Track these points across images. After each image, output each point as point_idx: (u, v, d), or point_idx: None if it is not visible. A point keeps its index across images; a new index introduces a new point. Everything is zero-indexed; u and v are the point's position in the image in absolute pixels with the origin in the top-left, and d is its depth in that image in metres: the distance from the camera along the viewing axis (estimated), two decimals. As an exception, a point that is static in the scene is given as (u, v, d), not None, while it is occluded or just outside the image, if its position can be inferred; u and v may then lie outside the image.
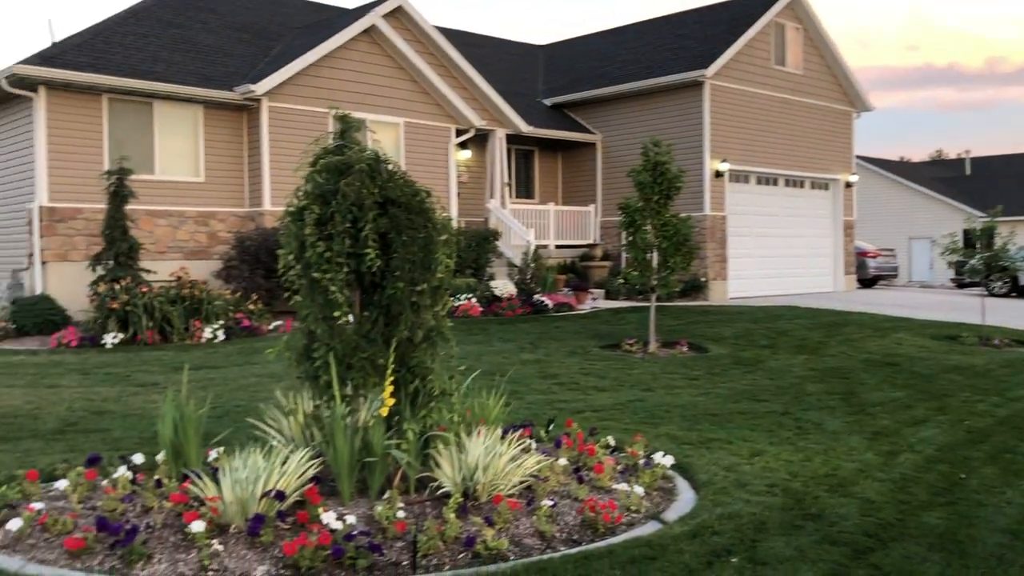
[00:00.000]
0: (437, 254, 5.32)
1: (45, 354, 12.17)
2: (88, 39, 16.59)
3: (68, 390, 9.36)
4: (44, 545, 4.56)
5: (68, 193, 15.44)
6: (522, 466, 5.37)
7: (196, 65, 17.39)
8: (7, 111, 16.40)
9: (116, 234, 14.23)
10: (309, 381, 5.49)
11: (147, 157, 16.30)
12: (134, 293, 13.31)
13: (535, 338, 13.43)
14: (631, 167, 13.17)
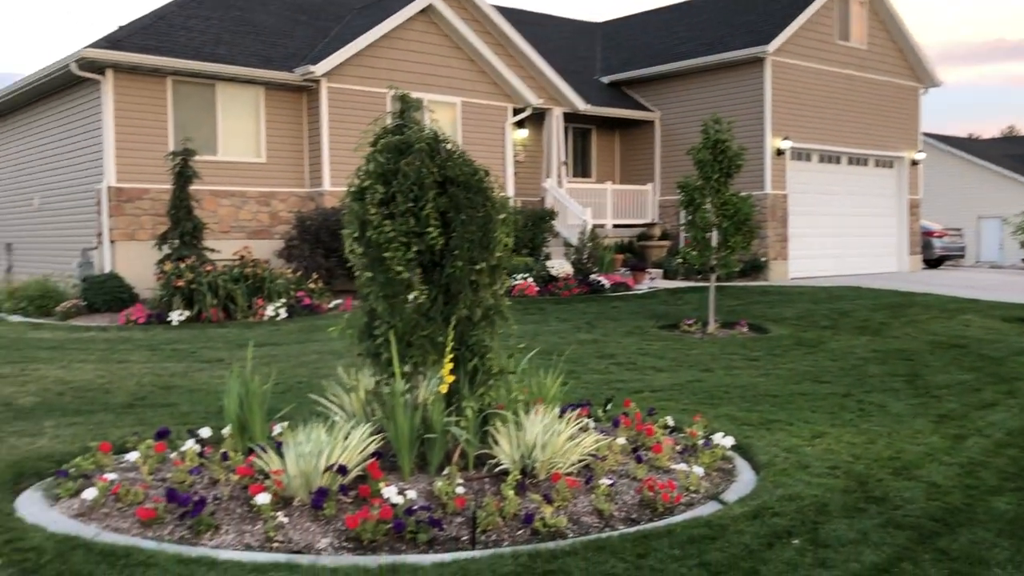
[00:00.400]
0: (496, 233, 5.33)
1: (114, 330, 12.52)
2: (153, 22, 16.90)
3: (137, 365, 9.63)
4: (117, 514, 4.72)
5: (135, 174, 15.81)
6: (580, 445, 5.38)
7: (257, 47, 17.61)
8: (76, 94, 16.82)
9: (181, 214, 14.55)
10: (370, 358, 5.56)
11: (210, 138, 16.59)
12: (199, 272, 13.60)
13: (592, 318, 13.40)
14: (691, 145, 13.01)
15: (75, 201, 17.09)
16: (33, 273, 17.49)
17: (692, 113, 22.08)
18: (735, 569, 4.08)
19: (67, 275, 16.25)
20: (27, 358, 10.06)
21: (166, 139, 16.05)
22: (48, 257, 18.35)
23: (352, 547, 4.34)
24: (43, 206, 18.73)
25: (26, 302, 14.64)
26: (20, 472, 5.45)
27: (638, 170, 23.97)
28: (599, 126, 24.02)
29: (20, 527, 4.46)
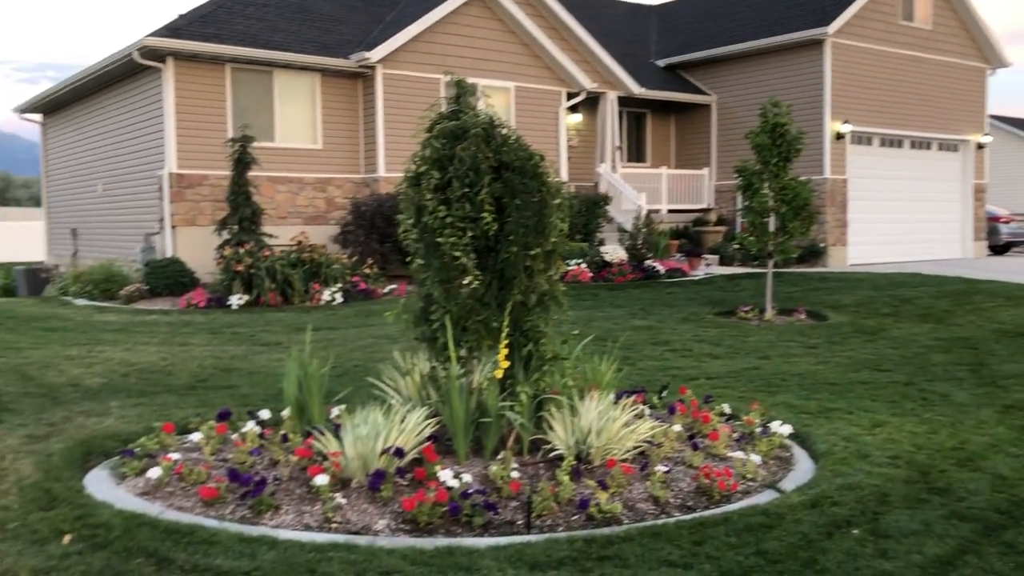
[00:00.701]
0: (551, 218, 5.31)
1: (176, 314, 12.80)
2: (212, 10, 17.16)
3: (198, 348, 9.83)
4: (180, 493, 4.84)
5: (195, 160, 16.11)
6: (636, 431, 5.36)
7: (313, 33, 17.78)
8: (138, 82, 17.17)
9: (240, 200, 14.80)
10: (426, 343, 5.60)
11: (268, 125, 16.82)
12: (257, 257, 13.83)
13: (646, 304, 13.31)
14: (748, 129, 12.81)
15: (138, 187, 17.48)
16: (98, 258, 17.96)
17: (749, 96, 21.75)
18: (793, 558, 4.04)
19: (130, 260, 16.65)
20: (93, 340, 10.34)
21: (225, 126, 16.31)
22: (112, 242, 18.82)
23: (408, 529, 4.38)
24: (107, 192, 19.20)
25: (91, 286, 15.05)
26: (88, 451, 5.62)
27: (694, 154, 23.69)
28: (654, 110, 23.78)
29: (89, 504, 4.60)
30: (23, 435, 5.98)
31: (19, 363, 8.84)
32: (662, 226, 20.48)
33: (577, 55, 20.25)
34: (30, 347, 9.85)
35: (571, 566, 3.92)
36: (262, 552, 4.00)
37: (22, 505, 4.57)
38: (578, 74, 19.60)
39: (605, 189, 20.52)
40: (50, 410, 6.76)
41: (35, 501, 4.63)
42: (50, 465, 5.26)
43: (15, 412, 6.69)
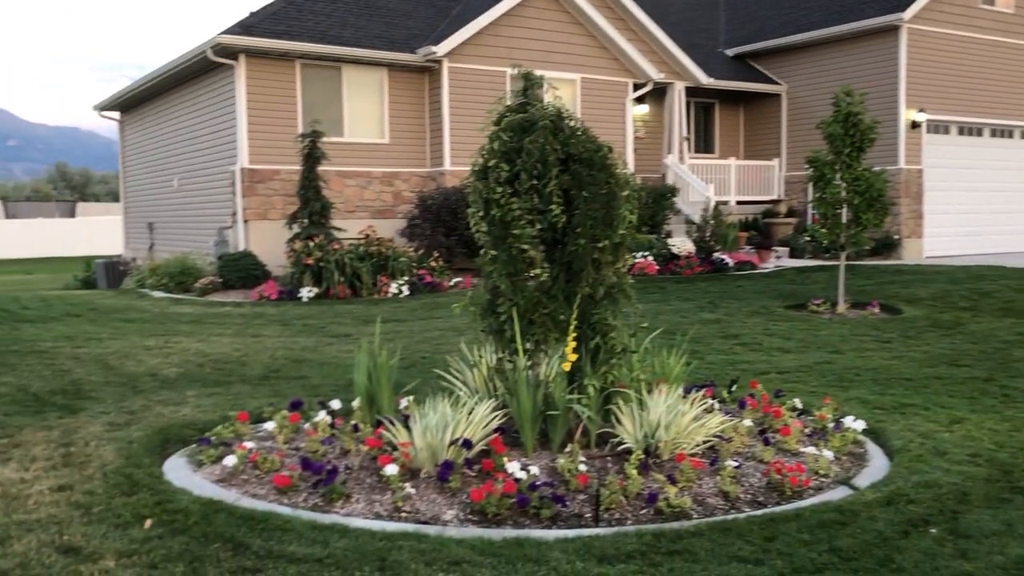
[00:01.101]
0: (619, 210, 5.28)
1: (248, 306, 13.09)
2: (282, 7, 17.46)
3: (270, 339, 10.04)
4: (255, 481, 4.95)
5: (266, 156, 16.43)
6: (705, 426, 5.30)
7: (380, 28, 17.96)
8: (211, 79, 17.57)
9: (310, 194, 15.05)
10: (493, 335, 5.62)
11: (336, 120, 17.06)
12: (327, 250, 14.06)
13: (715, 297, 13.15)
14: (819, 119, 12.54)
15: (211, 182, 17.90)
16: (173, 251, 18.46)
17: (821, 85, 21.27)
18: (868, 556, 3.95)
19: (204, 253, 17.07)
20: (170, 331, 10.64)
21: (295, 121, 16.59)
22: (187, 236, 19.32)
23: (477, 520, 4.41)
24: (182, 187, 19.71)
25: (167, 279, 15.48)
26: (166, 438, 5.79)
27: (763, 145, 23.29)
28: (722, 100, 23.43)
29: (168, 490, 4.74)
30: (105, 422, 6.18)
31: (100, 353, 9.14)
32: (730, 218, 20.18)
33: (644, 46, 20.06)
34: (110, 338, 10.18)
35: (640, 560, 3.90)
36: (334, 540, 4.07)
37: (105, 490, 4.73)
38: (645, 65, 19.42)
39: (672, 181, 20.32)
40: (130, 399, 6.98)
41: (117, 486, 4.79)
42: (131, 452, 5.43)
43: (97, 400, 6.92)
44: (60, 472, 5.07)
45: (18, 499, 4.62)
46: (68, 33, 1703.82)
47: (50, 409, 6.61)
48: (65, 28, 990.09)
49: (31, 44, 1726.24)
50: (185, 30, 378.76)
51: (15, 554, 3.89)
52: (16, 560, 3.83)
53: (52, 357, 8.90)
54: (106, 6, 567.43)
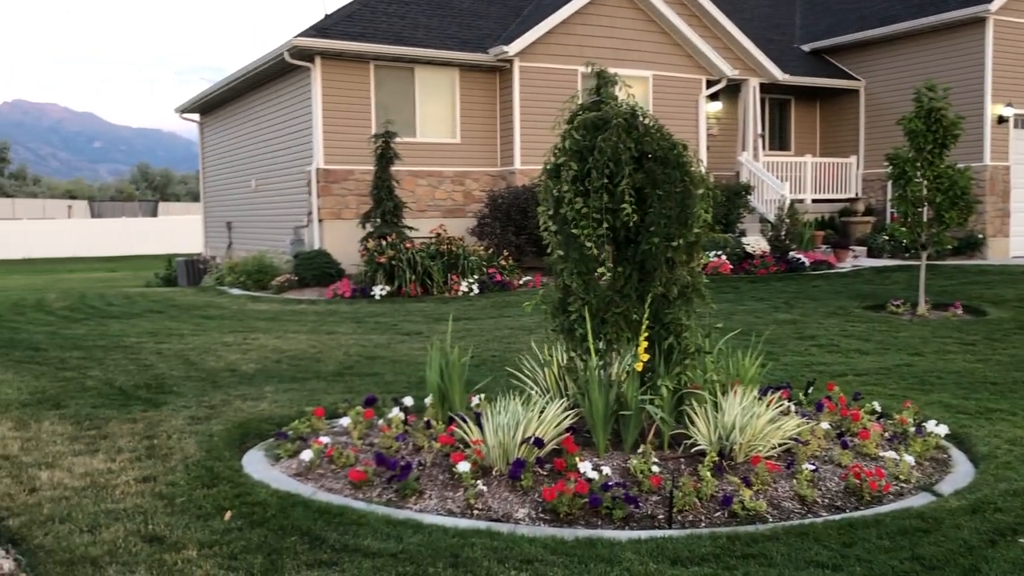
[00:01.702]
0: (694, 208, 5.22)
1: (323, 303, 13.33)
2: (357, 10, 17.71)
3: (344, 336, 10.20)
4: (330, 475, 5.03)
5: (341, 156, 16.69)
6: (781, 428, 5.21)
7: (452, 29, 18.08)
8: (287, 81, 17.93)
9: (383, 194, 15.24)
10: (564, 334, 5.61)
11: (409, 120, 17.24)
12: (399, 249, 14.23)
13: (790, 297, 12.91)
14: (899, 115, 12.19)
15: (287, 182, 18.27)
16: (250, 250, 18.91)
17: (901, 80, 20.69)
18: (952, 565, 3.83)
19: (280, 251, 17.44)
20: (248, 328, 10.90)
21: (369, 122, 16.81)
22: (264, 235, 19.76)
23: (548, 519, 4.41)
24: (259, 187, 20.16)
25: (245, 276, 15.86)
26: (245, 432, 5.93)
27: (840, 142, 22.75)
28: (798, 96, 22.97)
29: (247, 483, 4.85)
30: (187, 416, 6.37)
31: (181, 348, 9.41)
32: (806, 216, 19.77)
33: (718, 42, 19.79)
34: (191, 334, 10.48)
35: (714, 563, 3.85)
36: (408, 535, 4.11)
37: (187, 482, 4.87)
38: (719, 61, 19.16)
39: (746, 178, 20.00)
40: (210, 393, 7.17)
41: (199, 479, 4.92)
42: (211, 445, 5.58)
43: (179, 395, 7.13)
44: (144, 463, 5.23)
45: (106, 489, 4.79)
46: (150, 38, 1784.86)
47: (135, 402, 6.83)
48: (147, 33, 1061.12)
49: (115, 49, 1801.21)
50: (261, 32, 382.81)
51: (104, 541, 4.04)
52: (105, 547, 3.97)
53: (136, 352, 9.20)
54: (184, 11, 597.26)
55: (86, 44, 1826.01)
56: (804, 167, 21.13)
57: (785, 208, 17.99)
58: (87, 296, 14.97)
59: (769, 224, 18.24)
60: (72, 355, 9.05)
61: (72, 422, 6.22)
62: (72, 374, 8.01)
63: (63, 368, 8.32)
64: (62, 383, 7.60)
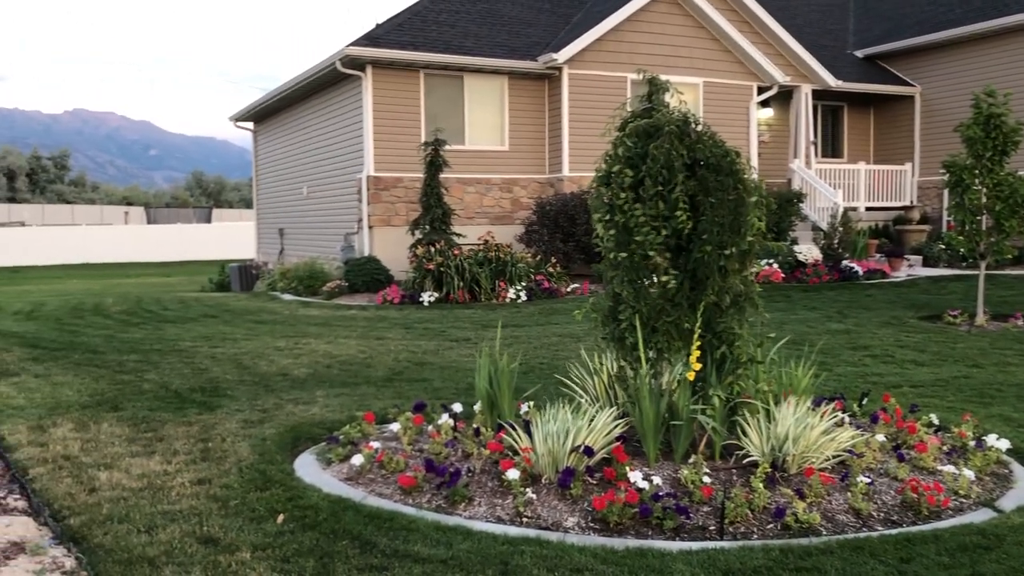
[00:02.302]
0: (747, 216, 5.17)
1: (373, 309, 13.45)
2: (407, 19, 17.88)
3: (393, 342, 10.28)
4: (381, 480, 5.07)
5: (390, 164, 16.85)
6: (835, 440, 5.12)
7: (502, 37, 18.16)
8: (339, 90, 18.15)
9: (432, 201, 15.34)
10: (614, 342, 5.58)
11: (458, 128, 17.34)
12: (447, 255, 14.30)
13: (843, 306, 12.70)
14: (956, 121, 11.94)
15: (338, 189, 18.49)
16: (302, 256, 19.15)
17: (958, 86, 20.28)
18: (1015, 584, 3.73)
19: (331, 258, 17.64)
20: (299, 333, 11.04)
21: (418, 130, 16.95)
22: (315, 241, 20.01)
23: (598, 528, 4.39)
24: (311, 194, 20.43)
25: (296, 282, 16.07)
26: (297, 436, 6.00)
27: (895, 149, 22.37)
28: (851, 103, 22.65)
29: (299, 487, 4.91)
30: (240, 420, 6.46)
31: (235, 353, 9.56)
32: (860, 224, 19.45)
33: (769, 48, 19.59)
34: (244, 338, 10.64)
35: (766, 575, 3.80)
36: (457, 541, 4.12)
37: (241, 485, 4.94)
38: (770, 68, 18.97)
39: (798, 186, 19.75)
40: (263, 397, 7.27)
41: (252, 482, 4.99)
42: (264, 449, 5.66)
43: (233, 398, 7.24)
44: (199, 466, 5.32)
45: (162, 490, 4.88)
46: (206, 49, 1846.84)
47: (189, 405, 6.96)
48: (203, 44, 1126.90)
49: (172, 59, 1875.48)
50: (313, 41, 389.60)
51: (160, 542, 4.11)
52: (162, 548, 4.05)
53: (191, 356, 9.37)
54: (238, 20, 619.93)
55: (145, 54, 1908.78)
56: (857, 174, 20.81)
57: (838, 216, 17.72)
58: (143, 300, 15.29)
59: (822, 232, 17.98)
60: (129, 358, 9.25)
61: (129, 424, 6.36)
62: (129, 377, 8.18)
63: (121, 371, 8.50)
64: (120, 386, 7.76)
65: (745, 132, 19.09)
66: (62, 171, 77.15)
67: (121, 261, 41.71)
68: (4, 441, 5.90)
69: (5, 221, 54.48)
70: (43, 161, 75.67)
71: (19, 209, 59.98)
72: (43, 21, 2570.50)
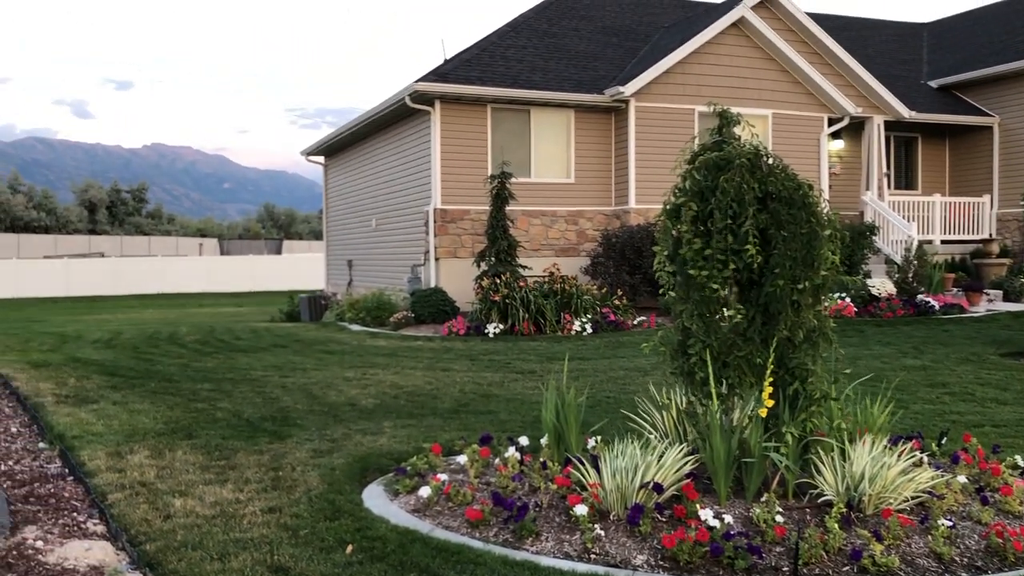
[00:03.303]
0: (821, 250, 5.08)
1: (438, 340, 13.53)
2: (475, 54, 18.14)
3: (459, 374, 10.32)
4: (448, 513, 5.07)
5: (457, 196, 17.03)
6: (914, 480, 4.96)
7: (569, 71, 18.28)
8: (407, 124, 18.46)
9: (497, 233, 15.44)
10: (683, 377, 5.52)
11: (524, 161, 17.45)
12: (513, 287, 14.35)
13: (919, 342, 12.35)
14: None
15: (406, 222, 18.73)
16: (370, 287, 19.41)
17: (1039, 115, 19.69)
18: (1111, 638, 3.54)
19: (398, 289, 17.84)
20: (367, 363, 11.16)
21: (485, 162, 17.11)
22: (382, 273, 20.28)
23: (667, 566, 4.31)
24: (379, 227, 20.74)
25: (364, 313, 16.28)
26: (365, 467, 6.05)
27: (972, 181, 21.78)
28: (925, 134, 22.16)
29: (367, 517, 4.94)
30: (310, 449, 6.54)
31: (305, 382, 9.71)
32: (935, 258, 18.91)
33: (840, 79, 19.33)
34: (313, 368, 10.80)
35: (844, 621, 3.68)
36: (525, 577, 4.09)
37: (311, 514, 4.99)
38: (841, 99, 18.71)
39: (870, 218, 19.35)
40: (332, 427, 7.35)
41: (321, 511, 5.04)
42: (333, 478, 5.71)
43: (302, 428, 7.34)
44: (270, 495, 5.40)
45: (234, 518, 4.95)
46: (275, 84, 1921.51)
47: (261, 434, 7.07)
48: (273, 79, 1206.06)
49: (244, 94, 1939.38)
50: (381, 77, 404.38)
51: (233, 570, 4.17)
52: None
53: (262, 385, 9.54)
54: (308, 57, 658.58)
55: (220, 91, 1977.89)
56: (932, 207, 20.31)
57: (912, 249, 17.28)
58: (216, 330, 15.65)
59: (895, 266, 17.56)
60: (203, 387, 9.45)
61: (203, 452, 6.48)
62: (203, 405, 8.36)
63: (195, 399, 8.70)
64: (194, 414, 7.93)
65: (815, 164, 18.81)
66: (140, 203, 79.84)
67: (195, 291, 42.82)
68: (84, 467, 6.07)
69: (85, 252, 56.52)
70: (122, 194, 78.44)
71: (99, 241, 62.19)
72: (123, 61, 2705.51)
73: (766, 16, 18.56)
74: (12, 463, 6.26)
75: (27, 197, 69.43)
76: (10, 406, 8.43)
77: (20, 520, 4.92)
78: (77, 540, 4.67)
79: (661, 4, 22.84)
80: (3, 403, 8.56)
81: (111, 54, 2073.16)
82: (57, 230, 67.31)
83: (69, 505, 5.28)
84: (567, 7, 21.40)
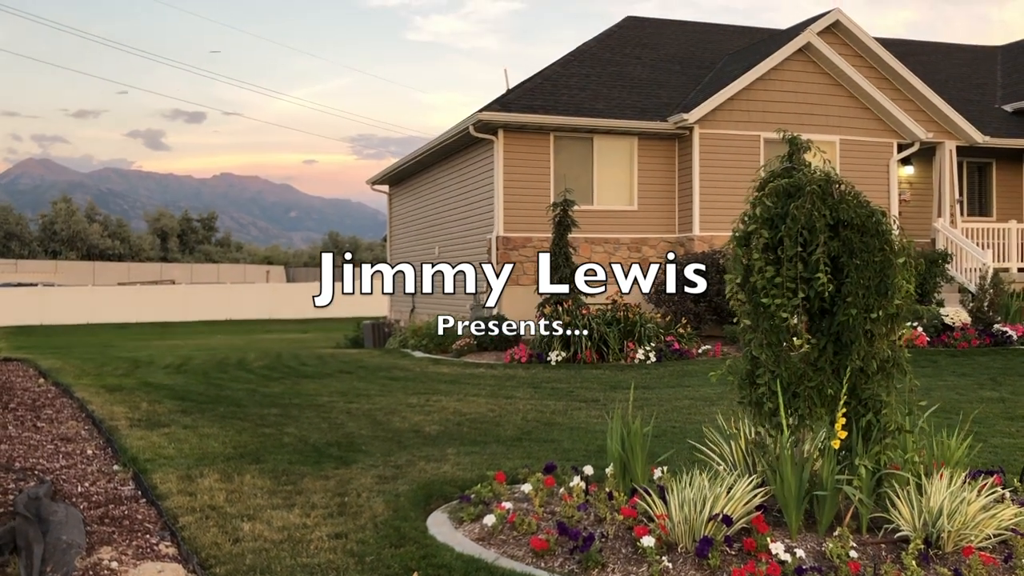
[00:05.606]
0: (894, 278, 4.95)
1: (500, 367, 13.54)
2: (538, 83, 18.27)
3: (521, 402, 10.29)
4: (512, 542, 5.04)
5: (519, 224, 17.09)
6: (996, 517, 4.77)
7: (632, 99, 18.29)
8: (470, 153, 18.63)
9: (560, 260, 15.41)
10: (751, 407, 5.41)
11: (586, 188, 17.46)
12: (575, 315, 14.29)
13: (996, 373, 11.94)
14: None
15: (469, 249, 18.85)
16: (432, 314, 19.52)
17: (1121, 139, 19.02)
18: None
19: (461, 316, 17.91)
20: (430, 390, 11.21)
21: (547, 190, 17.16)
22: (444, 299, 20.38)
23: (738, 601, 4.21)
24: (442, 253, 20.90)
25: (427, 339, 16.39)
26: (429, 494, 6.05)
27: (1050, 207, 21.09)
28: (1000, 159, 21.57)
29: (432, 545, 4.93)
30: (374, 475, 6.58)
31: (369, 408, 9.79)
32: (1013, 286, 18.33)
33: (910, 104, 18.97)
34: (378, 394, 10.89)
35: (925, 663, 3.54)
36: (591, 609, 4.03)
37: (376, 540, 5.01)
38: (910, 124, 18.35)
39: (943, 246, 18.85)
40: (396, 453, 7.39)
41: (387, 538, 5.05)
42: (398, 505, 5.73)
43: (367, 454, 7.39)
44: (336, 520, 5.43)
45: (301, 543, 4.99)
46: (338, 113, 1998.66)
47: (327, 460, 7.14)
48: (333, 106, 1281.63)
49: (309, 125, 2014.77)
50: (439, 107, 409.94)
51: (300, 595, 4.20)
52: (300, 600, 4.13)
53: (328, 411, 9.64)
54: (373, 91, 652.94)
55: (286, 123, 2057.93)
56: (1009, 233, 19.71)
57: (988, 277, 16.77)
58: (283, 356, 15.91)
59: (970, 294, 17.05)
60: (270, 412, 9.60)
61: (270, 476, 6.57)
62: (270, 430, 8.48)
63: (262, 424, 8.83)
64: (261, 439, 8.05)
65: (884, 191, 18.45)
66: (209, 232, 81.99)
67: (262, 317, 43.63)
68: (156, 489, 6.20)
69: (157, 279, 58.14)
70: (193, 223, 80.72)
71: (170, 268, 64.01)
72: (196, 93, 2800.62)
73: (832, 41, 18.34)
74: (88, 484, 6.42)
75: (103, 226, 71.89)
76: (86, 429, 8.67)
77: (96, 541, 5.03)
78: (150, 562, 4.75)
79: (724, 32, 22.75)
80: (80, 426, 8.81)
81: (184, 88, 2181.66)
82: (130, 258, 69.45)
83: (142, 527, 5.39)
84: (629, 36, 21.46)
